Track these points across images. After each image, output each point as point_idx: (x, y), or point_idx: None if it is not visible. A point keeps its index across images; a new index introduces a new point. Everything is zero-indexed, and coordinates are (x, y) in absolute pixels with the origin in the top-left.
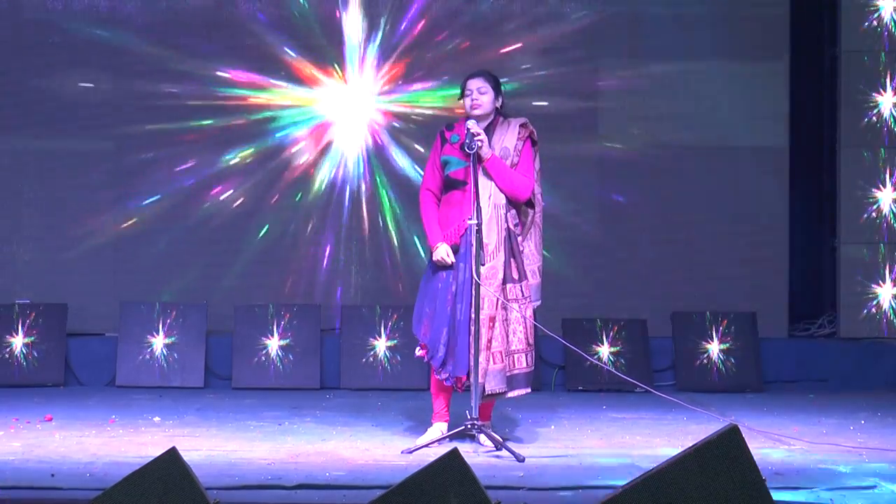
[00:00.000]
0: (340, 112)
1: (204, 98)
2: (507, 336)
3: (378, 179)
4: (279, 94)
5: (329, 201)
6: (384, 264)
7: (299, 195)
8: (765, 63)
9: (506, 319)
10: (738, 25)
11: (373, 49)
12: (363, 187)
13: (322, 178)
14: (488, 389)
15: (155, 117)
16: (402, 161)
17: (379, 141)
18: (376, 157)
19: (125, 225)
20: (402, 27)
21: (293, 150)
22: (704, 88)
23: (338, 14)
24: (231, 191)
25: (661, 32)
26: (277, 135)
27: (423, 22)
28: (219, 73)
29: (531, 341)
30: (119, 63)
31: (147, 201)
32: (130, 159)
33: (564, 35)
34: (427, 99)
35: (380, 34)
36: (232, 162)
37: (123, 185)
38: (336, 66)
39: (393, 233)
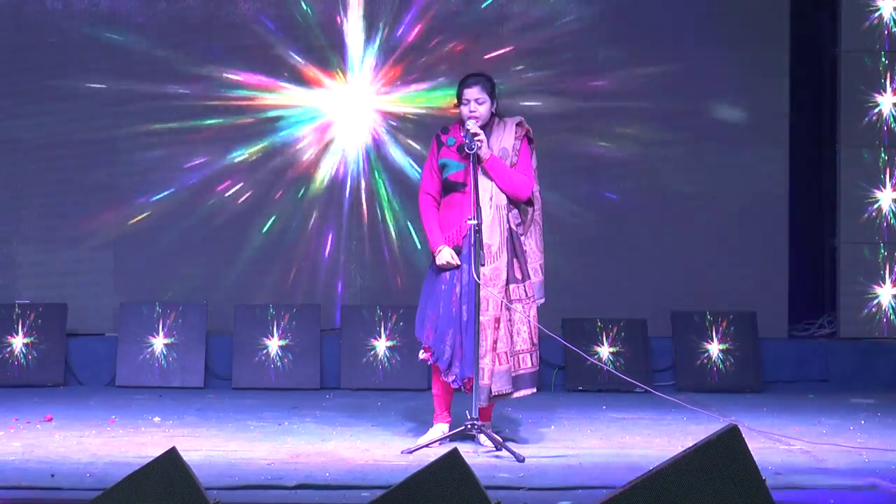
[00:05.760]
0: (341, 111)
1: (205, 98)
2: (512, 336)
3: (377, 175)
4: (284, 95)
5: (330, 197)
6: (383, 257)
7: (301, 191)
8: (764, 62)
9: (510, 320)
10: (737, 25)
11: (372, 52)
12: (363, 183)
13: (323, 175)
14: (495, 390)
15: (155, 117)
16: (399, 158)
17: (378, 139)
18: (375, 155)
19: (125, 225)
20: (400, 31)
21: (296, 147)
22: (704, 88)
23: (339, 19)
24: (231, 192)
25: (658, 32)
26: (281, 133)
27: (420, 25)
28: (226, 75)
29: (535, 341)
30: (118, 63)
31: (147, 201)
32: (129, 160)
33: (563, 35)
34: (424, 99)
35: (378, 37)
36: (231, 163)
37: (123, 185)
38: (338, 68)
39: (391, 226)
